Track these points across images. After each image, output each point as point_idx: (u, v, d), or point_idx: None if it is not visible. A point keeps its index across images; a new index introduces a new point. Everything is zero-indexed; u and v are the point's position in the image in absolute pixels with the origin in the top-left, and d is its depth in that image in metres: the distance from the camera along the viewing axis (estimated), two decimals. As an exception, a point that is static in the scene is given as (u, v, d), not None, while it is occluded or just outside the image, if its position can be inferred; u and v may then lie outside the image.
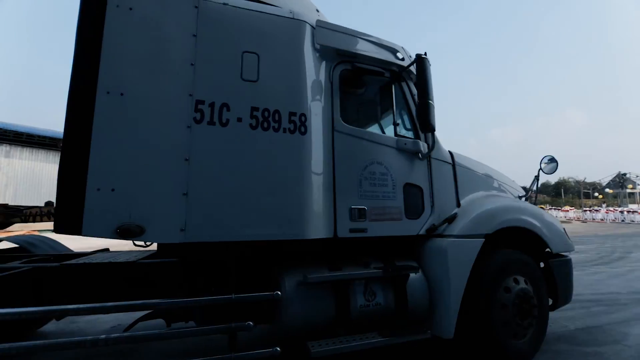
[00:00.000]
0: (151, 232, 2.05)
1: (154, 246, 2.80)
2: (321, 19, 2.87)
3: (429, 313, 2.67)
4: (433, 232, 2.80)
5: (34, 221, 4.59)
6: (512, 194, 3.61)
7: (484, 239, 2.75)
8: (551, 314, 3.08)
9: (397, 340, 2.47)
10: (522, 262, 2.95)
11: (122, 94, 2.08)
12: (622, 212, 28.29)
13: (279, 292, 2.21)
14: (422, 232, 2.79)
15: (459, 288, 2.59)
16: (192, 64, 2.26)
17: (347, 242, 2.60)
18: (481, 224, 2.81)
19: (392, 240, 2.76)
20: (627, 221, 25.64)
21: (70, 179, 1.95)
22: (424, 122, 2.67)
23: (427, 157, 2.93)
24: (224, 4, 2.39)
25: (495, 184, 3.50)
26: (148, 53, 2.18)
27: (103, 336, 1.79)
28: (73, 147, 1.98)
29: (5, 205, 4.37)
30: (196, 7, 2.30)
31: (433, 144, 2.84)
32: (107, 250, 3.29)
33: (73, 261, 2.50)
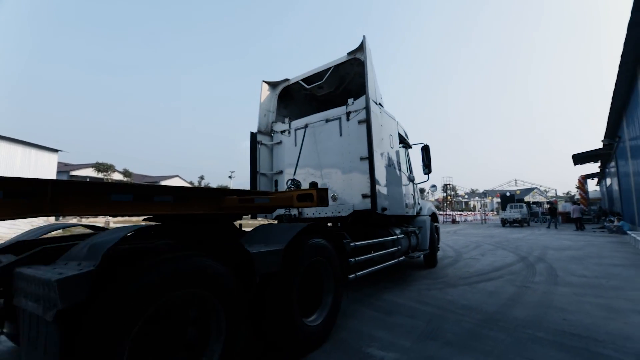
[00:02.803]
0: (388, 210, 4.80)
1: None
2: None
3: (420, 245, 6.30)
4: (418, 214, 6.39)
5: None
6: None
7: (430, 216, 6.46)
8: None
9: (425, 253, 6.29)
10: (435, 225, 6.91)
11: (381, 154, 4.88)
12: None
13: (407, 235, 5.77)
14: (414, 213, 6.24)
15: (429, 234, 6.25)
16: (382, 139, 5.01)
17: (396, 217, 5.68)
18: (429, 210, 6.65)
19: (403, 217, 5.90)
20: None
21: (372, 185, 4.38)
22: (428, 169, 6.43)
23: (414, 182, 6.52)
24: (381, 111, 5.18)
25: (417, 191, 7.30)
26: (378, 133, 4.79)
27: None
28: (372, 172, 4.39)
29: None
30: (381, 112, 5.12)
31: (428, 178, 6.50)
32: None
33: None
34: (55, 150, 26.74)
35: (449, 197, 42.22)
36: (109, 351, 1.55)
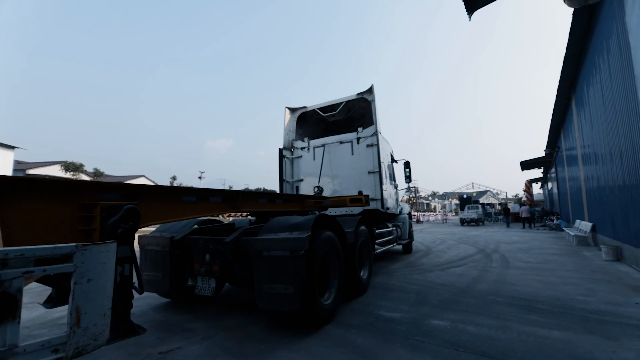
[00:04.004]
0: (389, 209, 6.59)
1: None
2: None
3: (402, 236, 7.33)
4: (400, 212, 7.53)
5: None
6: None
7: (408, 215, 7.69)
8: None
9: (405, 242, 7.93)
10: (410, 221, 8.07)
11: (382, 168, 6.23)
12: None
13: (396, 228, 7.43)
14: (398, 212, 7.35)
15: (408, 227, 7.53)
16: (383, 158, 6.67)
17: (388, 215, 6.82)
18: (407, 210, 7.98)
19: (392, 214, 7.05)
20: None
21: (381, 192, 6.21)
22: (409, 180, 7.39)
23: (397, 188, 7.59)
24: (382, 138, 6.36)
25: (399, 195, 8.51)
26: (381, 153, 6.41)
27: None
28: (380, 182, 6.26)
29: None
30: (381, 138, 6.67)
31: (409, 186, 7.80)
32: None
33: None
34: (12, 147, 25.03)
35: (412, 199, 44.90)
36: (315, 270, 3.34)
